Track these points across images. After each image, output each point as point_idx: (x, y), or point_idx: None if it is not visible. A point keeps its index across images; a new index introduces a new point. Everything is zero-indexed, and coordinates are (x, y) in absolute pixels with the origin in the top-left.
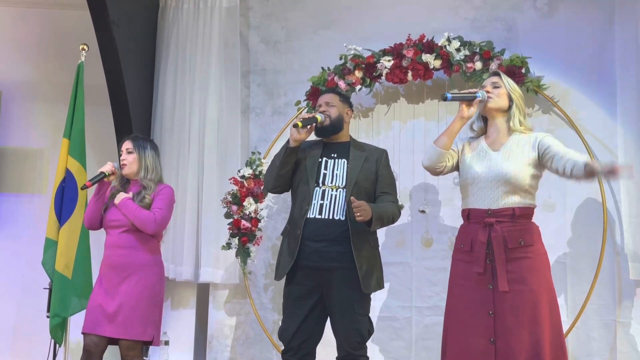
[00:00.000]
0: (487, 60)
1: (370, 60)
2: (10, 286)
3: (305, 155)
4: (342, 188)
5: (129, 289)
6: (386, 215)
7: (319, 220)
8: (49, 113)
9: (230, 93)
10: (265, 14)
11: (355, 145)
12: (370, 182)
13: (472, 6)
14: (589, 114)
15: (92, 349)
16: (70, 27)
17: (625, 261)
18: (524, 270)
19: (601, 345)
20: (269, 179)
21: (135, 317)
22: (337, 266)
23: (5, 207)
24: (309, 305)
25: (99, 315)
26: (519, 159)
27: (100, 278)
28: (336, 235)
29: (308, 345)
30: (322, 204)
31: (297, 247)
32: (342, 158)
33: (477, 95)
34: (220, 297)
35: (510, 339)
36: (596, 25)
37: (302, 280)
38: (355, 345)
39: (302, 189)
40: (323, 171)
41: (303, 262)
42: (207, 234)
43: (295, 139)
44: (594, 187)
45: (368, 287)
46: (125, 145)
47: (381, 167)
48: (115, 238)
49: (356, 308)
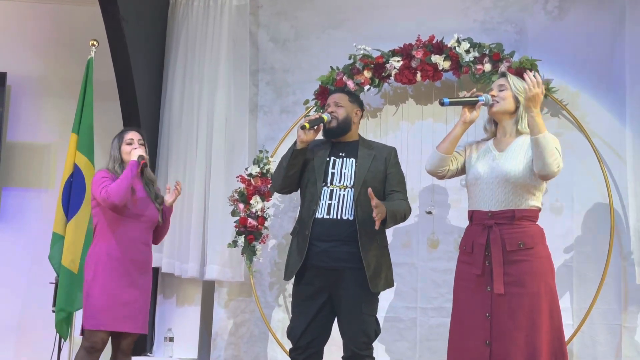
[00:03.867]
0: (497, 62)
1: (380, 61)
2: (16, 280)
3: (314, 156)
4: (350, 187)
5: (145, 285)
6: (399, 213)
7: (327, 220)
8: (58, 108)
9: (239, 91)
10: (275, 12)
11: (364, 144)
12: (379, 181)
13: (482, 8)
14: (597, 118)
15: (99, 347)
16: (80, 22)
17: (631, 266)
18: (523, 273)
19: (606, 349)
20: (277, 180)
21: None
22: (345, 266)
23: (13, 201)
24: (317, 304)
25: (116, 311)
26: (521, 159)
27: (120, 271)
28: (345, 235)
29: (316, 345)
30: (330, 203)
31: (306, 247)
32: (351, 157)
33: (480, 99)
34: (225, 295)
35: (506, 342)
36: (606, 29)
37: (311, 280)
38: (362, 346)
39: (310, 189)
40: (331, 170)
41: (312, 262)
42: (214, 231)
43: (303, 140)
44: (602, 191)
45: (376, 286)
46: (136, 136)
47: (390, 165)
48: (140, 233)
49: (364, 308)
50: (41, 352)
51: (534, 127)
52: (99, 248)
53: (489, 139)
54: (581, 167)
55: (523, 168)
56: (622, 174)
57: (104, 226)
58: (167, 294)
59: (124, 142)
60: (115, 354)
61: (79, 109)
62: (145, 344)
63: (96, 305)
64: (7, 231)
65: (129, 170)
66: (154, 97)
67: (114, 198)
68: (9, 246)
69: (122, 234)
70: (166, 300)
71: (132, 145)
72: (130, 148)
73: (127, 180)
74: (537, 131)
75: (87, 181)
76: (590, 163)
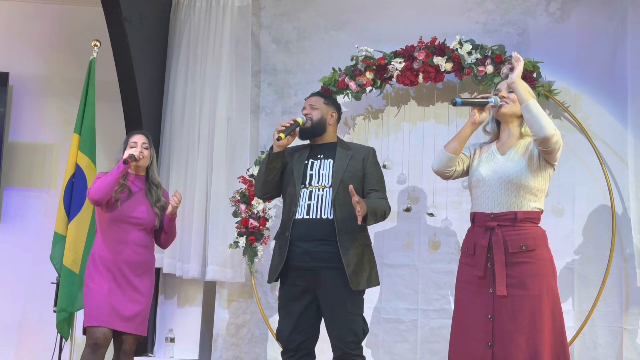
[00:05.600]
0: (499, 64)
1: (382, 62)
2: (17, 280)
3: (292, 159)
4: (328, 187)
5: (144, 287)
6: (379, 210)
7: (306, 220)
8: (60, 108)
9: (241, 92)
10: (277, 13)
11: (342, 145)
12: (357, 180)
13: (485, 10)
14: (599, 120)
15: (102, 342)
16: (82, 23)
17: (633, 268)
18: (525, 276)
19: (607, 352)
20: (258, 186)
21: (147, 314)
22: (326, 266)
23: (15, 201)
24: (302, 305)
25: (114, 309)
26: (523, 161)
27: (111, 272)
28: (324, 235)
29: (306, 346)
30: (309, 204)
31: (287, 248)
32: (329, 158)
33: (489, 100)
34: (226, 296)
35: (508, 344)
36: (608, 31)
37: (294, 281)
38: (351, 345)
39: (289, 192)
40: (309, 172)
41: (293, 263)
42: (215, 232)
43: (279, 145)
44: (604, 193)
45: (357, 284)
46: (141, 139)
47: (368, 164)
48: (135, 235)
49: (349, 307)
50: (42, 352)
51: (523, 94)
52: (95, 248)
53: (491, 141)
54: (583, 169)
55: (526, 170)
56: (624, 176)
57: (100, 227)
58: (168, 295)
59: (128, 145)
60: (117, 355)
61: (81, 109)
62: (146, 345)
63: (93, 302)
64: (9, 231)
65: (115, 168)
66: (156, 98)
67: (93, 194)
68: (11, 246)
69: (115, 235)
70: (167, 301)
71: (135, 149)
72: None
73: (109, 177)
74: (526, 98)
75: (88, 181)
76: (592, 165)
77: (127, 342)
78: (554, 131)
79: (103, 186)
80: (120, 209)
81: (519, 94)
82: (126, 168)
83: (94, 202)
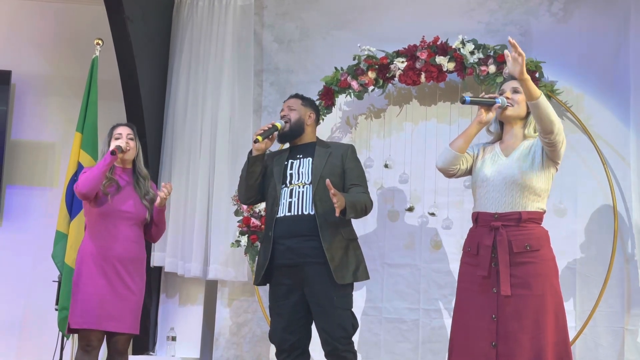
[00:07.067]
0: (501, 63)
1: (384, 61)
2: (19, 278)
3: (273, 162)
4: (308, 184)
5: (135, 284)
6: (359, 204)
7: (288, 217)
8: (62, 107)
9: (243, 91)
10: (280, 13)
11: (321, 144)
12: (337, 176)
13: (487, 10)
14: (601, 120)
15: (94, 344)
16: (85, 22)
17: (635, 268)
18: (529, 275)
19: (608, 352)
20: (241, 191)
21: (139, 311)
22: (310, 261)
23: (17, 199)
24: (290, 303)
25: (104, 310)
26: (527, 162)
27: (102, 269)
28: (307, 230)
29: (300, 345)
30: (290, 201)
31: (270, 247)
32: (308, 157)
33: (497, 101)
34: (228, 295)
35: (512, 344)
36: (611, 32)
37: (280, 279)
38: (340, 340)
39: (271, 193)
40: (289, 172)
41: (278, 261)
42: (217, 231)
43: (257, 148)
44: (606, 193)
45: (342, 278)
46: (126, 130)
47: (347, 161)
48: (126, 231)
49: (336, 302)
50: (44, 350)
51: (533, 92)
52: (84, 245)
53: (494, 141)
54: (585, 169)
55: (530, 171)
56: (626, 176)
57: (89, 223)
58: (169, 293)
59: (112, 137)
60: (111, 354)
61: (83, 107)
62: (148, 343)
63: (83, 303)
64: (11, 229)
65: (102, 160)
66: (158, 97)
67: (81, 187)
68: (13, 244)
69: (105, 230)
70: (169, 300)
71: (119, 140)
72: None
73: (96, 169)
74: (535, 95)
75: None
76: (594, 165)
77: (120, 342)
78: (560, 124)
79: (91, 178)
80: (109, 203)
81: (530, 89)
82: (113, 159)
83: (82, 196)
